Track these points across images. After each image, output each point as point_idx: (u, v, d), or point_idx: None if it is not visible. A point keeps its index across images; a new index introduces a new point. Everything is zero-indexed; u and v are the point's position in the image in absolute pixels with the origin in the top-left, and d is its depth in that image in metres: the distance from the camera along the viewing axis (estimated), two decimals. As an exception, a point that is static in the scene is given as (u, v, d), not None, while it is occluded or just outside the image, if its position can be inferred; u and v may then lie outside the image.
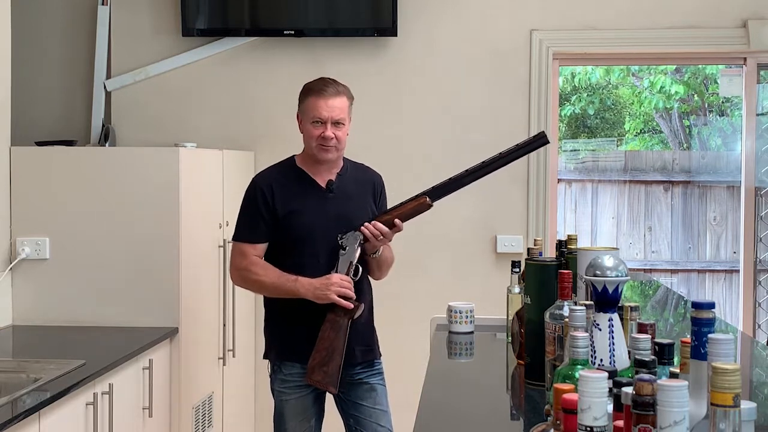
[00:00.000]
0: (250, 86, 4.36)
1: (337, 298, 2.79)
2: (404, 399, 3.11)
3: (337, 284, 2.80)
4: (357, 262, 2.86)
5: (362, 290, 2.92)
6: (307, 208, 2.90)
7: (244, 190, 3.00)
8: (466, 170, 2.87)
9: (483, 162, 2.86)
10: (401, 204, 2.90)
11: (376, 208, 3.00)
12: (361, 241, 2.86)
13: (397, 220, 2.86)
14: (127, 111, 4.37)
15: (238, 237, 2.95)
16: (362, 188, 3.01)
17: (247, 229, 2.93)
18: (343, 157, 3.02)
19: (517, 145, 2.86)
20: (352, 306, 2.81)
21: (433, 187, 2.89)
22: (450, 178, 2.88)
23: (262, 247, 2.91)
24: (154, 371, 3.18)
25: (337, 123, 2.88)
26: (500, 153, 2.86)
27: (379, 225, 2.85)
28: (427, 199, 2.87)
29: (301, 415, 2.93)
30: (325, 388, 2.82)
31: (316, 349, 2.80)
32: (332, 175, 2.96)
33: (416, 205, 2.88)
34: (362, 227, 2.86)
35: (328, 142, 2.87)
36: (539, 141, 2.87)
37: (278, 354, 2.95)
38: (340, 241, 2.86)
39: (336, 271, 2.84)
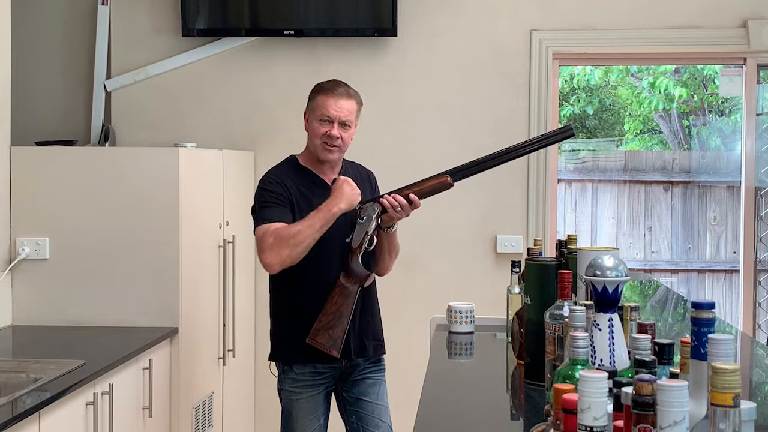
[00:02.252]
0: (250, 86, 4.36)
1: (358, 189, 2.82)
2: (404, 399, 3.12)
3: (350, 180, 2.82)
4: (372, 234, 2.85)
5: (369, 263, 2.92)
6: (317, 205, 2.90)
7: (252, 189, 2.98)
8: (491, 154, 2.87)
9: (507, 148, 2.87)
10: (421, 181, 2.89)
11: None
12: (379, 213, 2.86)
13: (413, 196, 2.84)
14: (127, 111, 4.37)
15: (260, 222, 2.84)
16: (362, 185, 3.01)
17: (270, 210, 2.85)
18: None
19: (542, 135, 2.89)
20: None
21: (455, 167, 2.89)
22: (473, 161, 2.88)
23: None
24: (154, 371, 3.18)
25: (343, 124, 2.88)
26: (525, 141, 2.91)
27: (398, 197, 2.84)
28: (449, 178, 2.86)
29: (311, 414, 2.93)
30: (327, 351, 2.79)
31: (323, 312, 2.79)
32: (335, 174, 2.97)
33: (437, 183, 2.87)
34: (382, 198, 2.85)
35: (333, 141, 2.88)
36: (565, 133, 2.89)
37: (290, 356, 2.94)
38: (358, 211, 2.86)
39: (351, 240, 2.84)
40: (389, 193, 2.87)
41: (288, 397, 2.95)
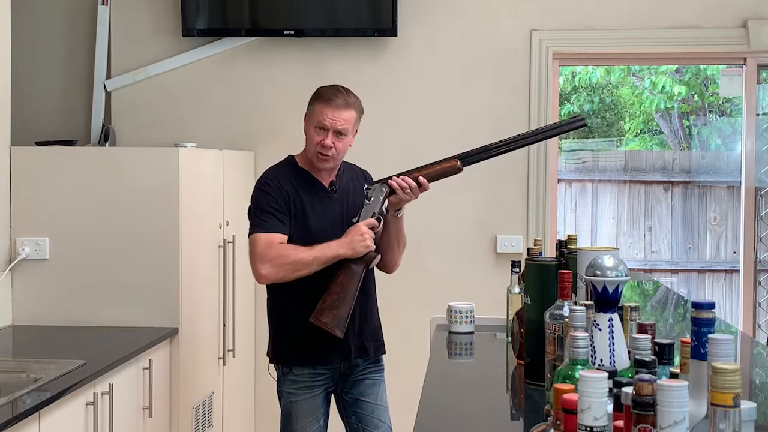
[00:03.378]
0: (250, 86, 4.36)
1: (373, 245, 2.79)
2: (404, 399, 3.12)
3: (368, 233, 2.78)
4: (379, 215, 2.84)
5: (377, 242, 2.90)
6: (315, 209, 2.90)
7: (252, 189, 2.96)
8: (501, 141, 2.85)
9: (519, 135, 2.86)
10: (430, 164, 2.86)
11: None
12: (387, 194, 2.84)
13: (422, 179, 2.82)
14: (127, 111, 4.37)
15: (263, 228, 2.84)
16: (358, 185, 3.01)
17: (272, 219, 2.84)
18: None
19: (554, 123, 2.87)
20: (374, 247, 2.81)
21: (465, 152, 2.87)
22: (483, 146, 2.86)
23: (285, 239, 2.85)
24: (154, 371, 3.18)
25: (338, 133, 2.86)
26: (537, 129, 2.89)
27: (407, 179, 2.82)
28: (458, 162, 2.85)
29: (311, 415, 2.93)
30: (331, 330, 2.75)
31: (328, 291, 2.76)
32: (332, 176, 2.97)
33: (446, 167, 2.85)
34: (391, 179, 2.83)
35: (326, 151, 2.86)
36: (577, 123, 2.86)
37: (289, 358, 2.94)
38: (366, 192, 2.84)
39: (358, 220, 2.82)
40: (398, 175, 2.84)
41: (287, 398, 2.95)
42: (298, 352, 2.90)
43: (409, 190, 2.81)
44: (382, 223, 2.86)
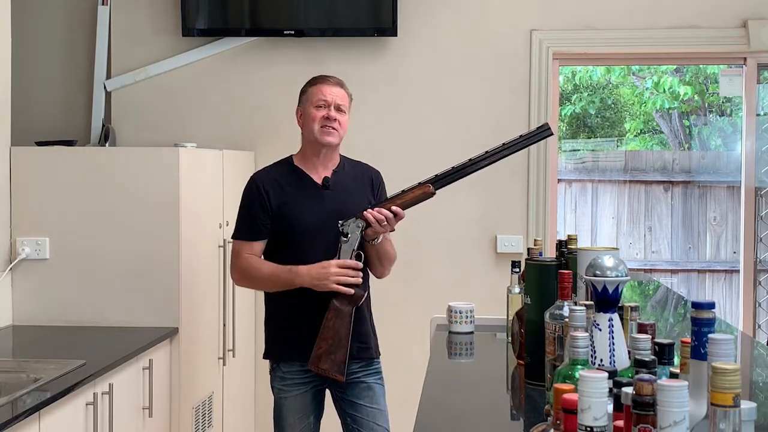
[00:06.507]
0: (250, 86, 4.36)
1: (337, 287, 2.80)
2: (404, 399, 3.12)
3: (336, 273, 2.80)
4: (358, 250, 2.85)
5: (363, 278, 2.90)
6: (302, 205, 2.91)
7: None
8: (470, 159, 2.87)
9: (486, 152, 2.86)
10: (403, 192, 2.89)
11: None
12: (363, 228, 2.85)
13: (395, 208, 2.84)
14: (127, 111, 4.37)
15: (236, 235, 2.99)
16: (360, 184, 3.01)
17: (244, 227, 2.96)
18: (340, 155, 3.03)
19: (521, 136, 2.87)
20: (353, 292, 2.82)
21: (436, 176, 2.88)
22: (453, 167, 2.88)
23: (259, 245, 2.93)
24: (154, 371, 3.18)
25: (339, 108, 2.93)
26: (504, 143, 2.87)
27: (383, 210, 2.84)
28: (431, 187, 2.87)
29: (300, 412, 2.94)
30: (333, 376, 2.82)
31: (321, 337, 2.80)
32: (328, 172, 2.97)
33: (419, 194, 2.87)
34: (365, 212, 2.84)
35: (331, 123, 2.90)
36: (543, 133, 2.87)
37: (278, 353, 2.97)
38: (341, 228, 2.86)
39: (338, 258, 2.84)
40: (372, 206, 2.87)
41: (278, 394, 2.98)
42: (285, 348, 2.93)
43: (385, 222, 2.84)
44: (362, 258, 2.88)
